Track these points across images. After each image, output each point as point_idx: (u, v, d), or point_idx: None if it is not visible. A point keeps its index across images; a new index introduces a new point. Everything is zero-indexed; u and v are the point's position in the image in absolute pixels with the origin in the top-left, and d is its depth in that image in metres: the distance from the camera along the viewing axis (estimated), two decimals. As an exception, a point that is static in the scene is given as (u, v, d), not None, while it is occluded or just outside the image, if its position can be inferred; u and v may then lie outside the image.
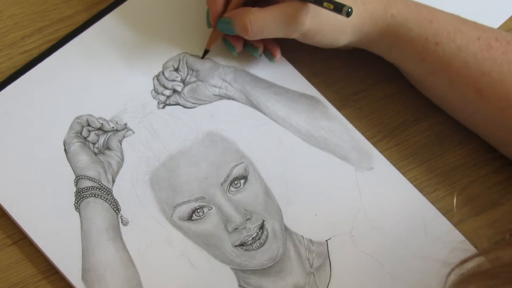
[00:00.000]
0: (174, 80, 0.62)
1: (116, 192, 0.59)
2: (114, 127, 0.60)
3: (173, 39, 0.63)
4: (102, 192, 0.58)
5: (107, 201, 0.58)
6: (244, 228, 0.58)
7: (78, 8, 0.65)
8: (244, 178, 0.59)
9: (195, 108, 0.61)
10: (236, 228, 0.58)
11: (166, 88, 0.62)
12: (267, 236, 0.58)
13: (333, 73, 0.64)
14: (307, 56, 0.64)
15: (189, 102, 0.62)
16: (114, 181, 0.59)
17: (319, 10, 0.55)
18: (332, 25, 0.57)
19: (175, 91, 0.62)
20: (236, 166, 0.59)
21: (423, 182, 0.61)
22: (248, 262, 0.58)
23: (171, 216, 0.58)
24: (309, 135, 0.61)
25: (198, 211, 0.58)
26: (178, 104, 0.61)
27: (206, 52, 0.63)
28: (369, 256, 0.58)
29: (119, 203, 0.58)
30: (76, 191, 0.58)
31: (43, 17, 0.65)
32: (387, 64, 0.62)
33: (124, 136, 0.60)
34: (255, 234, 0.58)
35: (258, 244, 0.58)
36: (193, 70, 0.63)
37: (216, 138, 0.60)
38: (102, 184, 0.58)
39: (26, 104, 0.61)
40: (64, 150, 0.59)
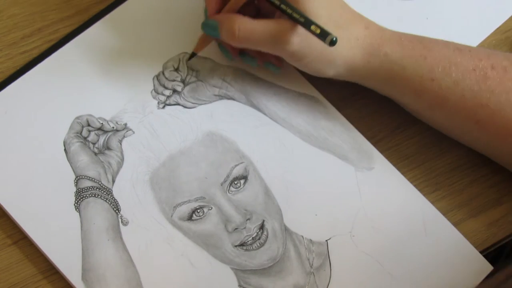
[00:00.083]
0: (174, 80, 0.62)
1: (116, 192, 0.59)
2: (114, 127, 0.60)
3: (173, 39, 0.63)
4: (102, 192, 0.58)
5: (107, 201, 0.58)
6: (244, 228, 0.58)
7: (78, 8, 0.65)
8: (244, 178, 0.59)
9: (195, 108, 0.61)
10: (236, 228, 0.58)
11: (166, 88, 0.62)
12: (267, 236, 0.58)
13: (333, 73, 0.64)
14: (307, 56, 0.64)
15: (189, 102, 0.62)
16: (114, 181, 0.59)
17: (311, 35, 0.53)
18: (321, 53, 0.56)
19: (175, 91, 0.62)
20: (236, 166, 0.59)
21: (423, 182, 0.61)
22: (248, 262, 0.58)
23: (171, 216, 0.58)
24: (309, 135, 0.61)
25: (198, 211, 0.58)
26: (178, 104, 0.61)
27: (193, 55, 0.62)
28: (369, 256, 0.58)
29: (119, 203, 0.58)
30: (76, 191, 0.58)
31: (43, 17, 0.65)
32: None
33: (124, 136, 0.60)
34: (255, 234, 0.58)
35: (258, 244, 0.58)
36: (193, 70, 0.63)
37: (216, 138, 0.60)
38: (102, 184, 0.58)
39: (26, 104, 0.61)
40: (64, 150, 0.59)
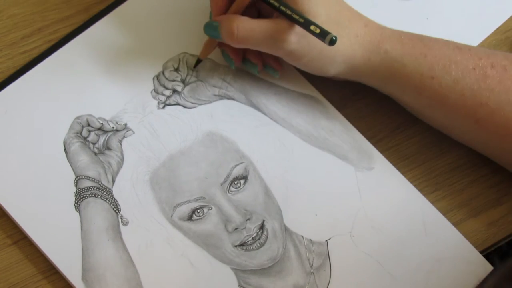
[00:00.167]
0: (174, 80, 0.62)
1: (116, 192, 0.59)
2: (114, 127, 0.60)
3: (173, 39, 0.63)
4: (102, 192, 0.58)
5: (107, 201, 0.58)
6: (244, 228, 0.58)
7: (78, 8, 0.65)
8: (244, 178, 0.59)
9: (195, 108, 0.61)
10: (236, 228, 0.58)
11: (166, 88, 0.62)
12: (267, 236, 0.58)
13: (333, 73, 0.64)
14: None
15: (189, 102, 0.62)
16: (114, 181, 0.59)
17: (309, 33, 0.53)
18: (320, 51, 0.56)
19: (175, 91, 0.62)
20: (236, 166, 0.59)
21: (423, 182, 0.61)
22: (248, 262, 0.58)
23: (171, 216, 0.58)
24: (309, 135, 0.61)
25: (198, 211, 0.58)
26: (178, 104, 0.61)
27: (199, 62, 0.62)
28: (369, 256, 0.58)
29: (119, 203, 0.58)
30: (76, 191, 0.58)
31: (43, 17, 0.65)
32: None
33: (124, 136, 0.60)
34: (255, 234, 0.58)
35: (258, 244, 0.58)
36: (193, 70, 0.62)
37: (216, 138, 0.60)
38: (102, 184, 0.58)
39: (26, 104, 0.61)
40: (64, 150, 0.59)
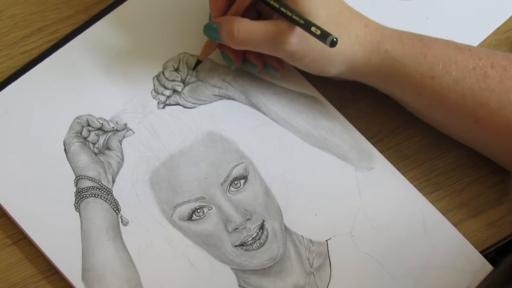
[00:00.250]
0: (174, 80, 0.62)
1: (116, 192, 0.59)
2: (114, 127, 0.60)
3: (173, 39, 0.63)
4: (102, 192, 0.58)
5: (107, 201, 0.58)
6: (244, 228, 0.58)
7: (78, 8, 0.65)
8: (244, 178, 0.59)
9: (195, 108, 0.61)
10: (236, 228, 0.58)
11: (166, 88, 0.62)
12: (267, 236, 0.58)
13: (333, 73, 0.64)
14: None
15: (189, 102, 0.62)
16: (114, 181, 0.59)
17: (309, 34, 0.53)
18: (321, 52, 0.56)
19: (175, 91, 0.62)
20: (236, 166, 0.59)
21: (423, 182, 0.61)
22: (248, 262, 0.58)
23: (171, 216, 0.58)
24: (309, 135, 0.61)
25: (198, 211, 0.58)
26: (178, 104, 0.61)
27: (199, 63, 0.62)
28: (369, 256, 0.58)
29: (119, 203, 0.58)
30: (76, 191, 0.58)
31: (43, 17, 0.65)
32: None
33: (124, 136, 0.60)
34: (255, 234, 0.58)
35: (258, 244, 0.58)
36: (193, 70, 0.62)
37: (216, 138, 0.60)
38: (102, 184, 0.58)
39: (26, 104, 0.61)
40: (64, 150, 0.59)
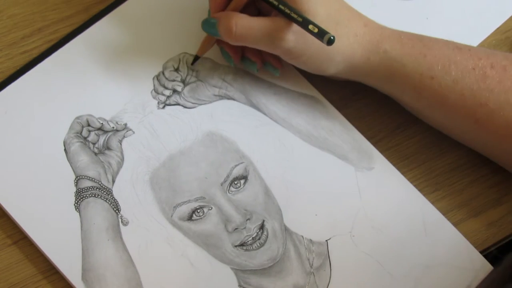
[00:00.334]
0: (174, 80, 0.62)
1: (116, 192, 0.59)
2: (114, 127, 0.60)
3: (173, 39, 0.63)
4: (102, 192, 0.58)
5: (107, 201, 0.58)
6: (244, 228, 0.58)
7: (78, 8, 0.65)
8: (244, 178, 0.59)
9: (195, 108, 0.61)
10: (236, 228, 0.58)
11: (166, 88, 0.62)
12: (267, 236, 0.58)
13: (333, 73, 0.64)
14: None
15: (189, 102, 0.62)
16: (114, 181, 0.59)
17: (306, 32, 0.53)
18: (318, 49, 0.55)
19: (175, 91, 0.62)
20: (236, 166, 0.59)
21: (423, 182, 0.61)
22: (248, 262, 0.58)
23: (171, 216, 0.58)
24: (309, 135, 0.61)
25: (198, 211, 0.58)
26: (178, 104, 0.61)
27: (197, 59, 0.62)
28: (369, 256, 0.58)
29: (119, 203, 0.58)
30: (76, 191, 0.58)
31: (43, 17, 0.65)
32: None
33: (124, 136, 0.60)
34: (255, 234, 0.58)
35: (258, 244, 0.58)
36: (193, 70, 0.62)
37: (216, 138, 0.60)
38: (102, 184, 0.58)
39: (26, 104, 0.61)
40: (64, 150, 0.59)
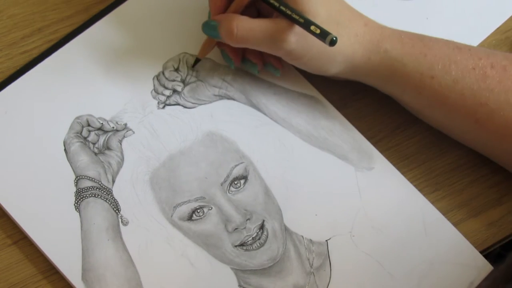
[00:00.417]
0: (174, 80, 0.62)
1: (116, 192, 0.59)
2: (114, 127, 0.60)
3: (173, 39, 0.63)
4: (102, 192, 0.58)
5: (107, 201, 0.58)
6: (244, 228, 0.58)
7: (78, 8, 0.65)
8: (244, 178, 0.59)
9: (195, 108, 0.61)
10: (236, 228, 0.58)
11: (166, 88, 0.62)
12: (267, 236, 0.58)
13: (333, 73, 0.64)
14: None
15: (189, 102, 0.62)
16: (114, 181, 0.59)
17: (308, 33, 0.53)
18: (320, 50, 0.56)
19: (175, 91, 0.62)
20: (236, 166, 0.59)
21: (423, 182, 0.61)
22: (248, 262, 0.58)
23: (171, 216, 0.58)
24: (309, 135, 0.61)
25: (198, 211, 0.58)
26: (178, 104, 0.61)
27: (198, 61, 0.62)
28: (369, 256, 0.58)
29: (119, 203, 0.58)
30: (76, 191, 0.58)
31: (43, 17, 0.65)
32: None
33: (124, 136, 0.60)
34: (255, 234, 0.58)
35: (258, 244, 0.58)
36: (193, 70, 0.62)
37: (216, 138, 0.60)
38: (102, 184, 0.58)
39: (26, 104, 0.61)
40: (64, 150, 0.59)
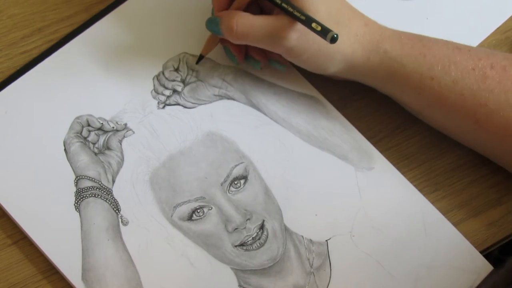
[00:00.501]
0: (174, 80, 0.62)
1: (116, 192, 0.59)
2: (114, 127, 0.60)
3: (173, 39, 0.63)
4: (102, 192, 0.58)
5: (107, 201, 0.58)
6: (244, 228, 0.58)
7: (78, 8, 0.65)
8: (244, 178, 0.59)
9: (195, 108, 0.61)
10: (236, 228, 0.58)
11: (166, 88, 0.62)
12: (267, 236, 0.58)
13: (333, 73, 0.64)
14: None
15: (189, 102, 0.62)
16: (114, 181, 0.59)
17: (309, 30, 0.53)
18: (320, 48, 0.56)
19: (175, 91, 0.62)
20: (236, 166, 0.59)
21: (423, 182, 0.61)
22: (248, 262, 0.58)
23: (171, 216, 0.58)
24: (309, 135, 0.61)
25: (198, 211, 0.58)
26: (178, 104, 0.61)
27: (201, 58, 0.62)
28: (369, 256, 0.58)
29: (119, 203, 0.58)
30: (76, 191, 0.58)
31: (43, 17, 0.65)
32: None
33: (124, 136, 0.60)
34: (255, 234, 0.58)
35: (258, 244, 0.58)
36: (193, 70, 0.63)
37: (216, 138, 0.60)
38: (102, 184, 0.58)
39: (26, 104, 0.61)
40: (64, 150, 0.59)
